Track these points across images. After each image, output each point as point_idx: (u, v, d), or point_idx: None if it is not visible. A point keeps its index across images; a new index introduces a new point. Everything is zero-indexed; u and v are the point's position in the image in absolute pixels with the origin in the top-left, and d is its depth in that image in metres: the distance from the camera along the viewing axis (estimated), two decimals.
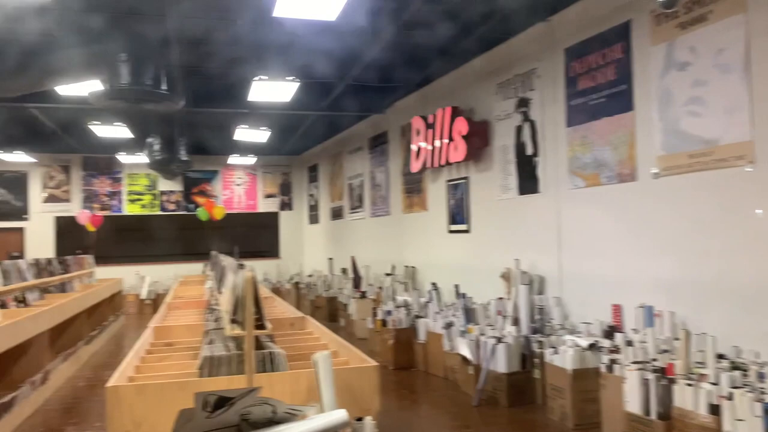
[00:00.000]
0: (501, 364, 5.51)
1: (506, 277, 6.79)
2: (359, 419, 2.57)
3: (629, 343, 4.57)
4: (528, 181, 6.69)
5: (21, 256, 13.89)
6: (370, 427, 2.57)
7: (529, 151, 6.68)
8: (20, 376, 6.05)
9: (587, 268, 5.81)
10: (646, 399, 4.02)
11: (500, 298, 6.51)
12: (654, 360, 4.26)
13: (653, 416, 3.95)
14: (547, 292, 6.35)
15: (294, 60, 7.41)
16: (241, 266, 2.98)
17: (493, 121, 7.36)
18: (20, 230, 14.87)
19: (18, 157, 13.98)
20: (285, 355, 2.91)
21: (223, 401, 2.18)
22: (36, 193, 14.98)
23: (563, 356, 4.91)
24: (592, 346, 4.87)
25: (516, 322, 5.91)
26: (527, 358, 5.58)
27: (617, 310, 5.37)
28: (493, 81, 7.32)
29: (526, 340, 5.62)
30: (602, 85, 5.58)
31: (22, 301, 7.22)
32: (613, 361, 4.48)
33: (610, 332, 5.20)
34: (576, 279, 5.98)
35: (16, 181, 14.88)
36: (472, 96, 7.84)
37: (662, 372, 3.99)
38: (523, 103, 6.78)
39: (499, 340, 5.59)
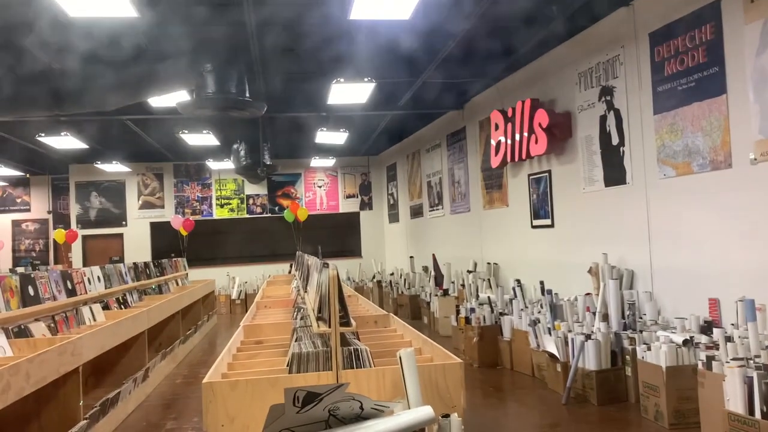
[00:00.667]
0: (590, 361, 5.36)
1: (594, 272, 6.59)
2: (445, 416, 2.57)
3: (729, 339, 4.33)
4: (614, 172, 6.47)
5: (121, 260, 14.77)
6: (457, 424, 2.57)
7: (615, 140, 6.45)
8: (123, 373, 6.44)
9: (680, 261, 5.55)
10: (749, 397, 3.80)
11: (588, 294, 6.32)
12: (757, 357, 4.02)
13: (758, 416, 3.72)
14: (637, 286, 6.12)
15: (370, 61, 7.49)
16: (326, 265, 3.04)
17: (576, 111, 7.15)
18: (119, 236, 15.82)
19: (115, 167, 14.87)
20: (370, 352, 2.96)
21: (311, 397, 2.24)
22: (133, 200, 15.89)
23: (657, 353, 4.71)
24: (688, 342, 4.65)
25: (605, 318, 5.72)
26: (618, 355, 5.39)
27: (714, 304, 5.10)
28: (574, 70, 7.12)
29: (617, 337, 5.44)
30: (691, 68, 5.31)
31: (123, 303, 7.67)
32: (711, 358, 4.26)
33: (707, 328, 4.95)
34: (668, 272, 5.72)
35: (115, 190, 15.83)
36: (552, 87, 7.65)
37: (767, 369, 3.76)
38: (607, 92, 6.55)
39: (588, 336, 5.43)
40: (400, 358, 2.61)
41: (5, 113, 7.37)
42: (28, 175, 16.07)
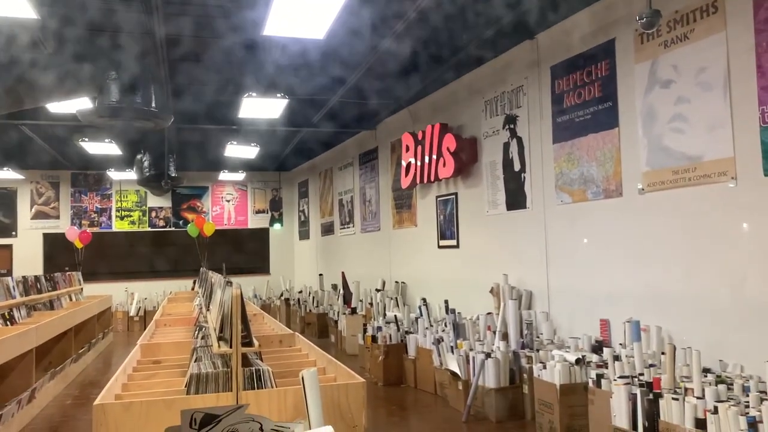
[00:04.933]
0: (490, 379, 5.52)
1: (495, 292, 6.82)
2: None
3: (617, 358, 4.60)
4: (516, 197, 6.75)
5: (8, 274, 13.79)
6: None
7: (517, 167, 6.74)
8: (7, 394, 6.00)
9: (575, 283, 5.85)
10: (633, 413, 4.04)
11: (489, 313, 6.53)
12: (641, 374, 4.29)
13: (640, 431, 3.96)
14: (535, 307, 6.39)
15: (283, 77, 7.47)
16: (229, 283, 2.99)
17: (482, 137, 7.43)
18: (8, 247, 14.78)
19: (6, 174, 13.92)
20: (272, 372, 2.92)
21: (209, 418, 2.19)
22: (25, 209, 14.91)
23: (551, 371, 4.93)
24: (580, 361, 4.90)
25: (505, 337, 5.93)
26: (516, 373, 5.59)
27: (605, 324, 5.40)
28: (481, 98, 7.40)
29: (515, 355, 5.64)
30: (588, 102, 5.66)
31: (9, 319, 7.17)
32: (600, 376, 4.51)
33: (598, 347, 5.23)
34: (564, 294, 6.02)
35: (5, 198, 14.81)
36: (460, 113, 7.91)
37: (649, 386, 4.02)
38: (511, 120, 6.85)
39: (489, 355, 5.60)
40: (302, 378, 2.60)
41: None
42: None
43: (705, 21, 4.51)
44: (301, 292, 13.54)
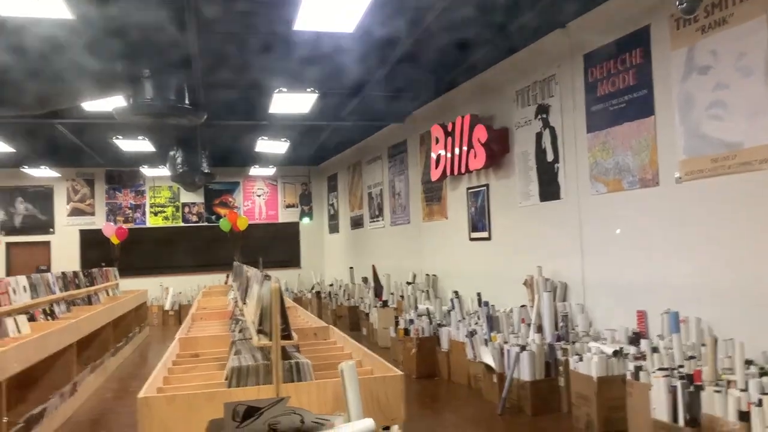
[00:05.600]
0: (525, 372, 5.49)
1: (529, 284, 6.77)
2: (386, 428, 2.59)
3: (655, 350, 4.53)
4: (549, 188, 6.68)
5: (48, 270, 14.12)
6: None
7: (550, 157, 6.66)
8: (49, 387, 6.15)
9: (611, 275, 5.77)
10: (673, 406, 3.98)
11: (523, 306, 6.49)
12: (681, 366, 4.22)
13: (681, 423, 3.90)
14: (570, 299, 6.32)
15: (313, 72, 7.49)
16: (267, 277, 3.01)
17: (513, 128, 7.36)
18: (47, 244, 15.15)
19: (43, 172, 14.25)
20: (311, 365, 2.94)
21: (252, 411, 2.21)
22: (61, 206, 15.26)
23: (588, 363, 4.88)
24: (617, 353, 4.83)
25: (539, 329, 5.88)
26: (551, 366, 5.55)
27: (642, 316, 5.32)
28: (513, 88, 7.33)
29: (550, 348, 5.59)
30: (622, 90, 5.56)
31: (50, 314, 7.35)
32: (639, 368, 4.45)
33: (635, 339, 5.16)
34: (599, 285, 5.94)
35: (42, 196, 15.17)
36: (491, 103, 7.85)
37: (689, 379, 3.95)
38: (543, 110, 6.77)
39: (523, 348, 5.57)
40: (341, 371, 2.61)
41: None
42: None
43: (744, 4, 4.39)
44: (332, 285, 13.62)
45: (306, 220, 16.44)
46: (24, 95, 5.93)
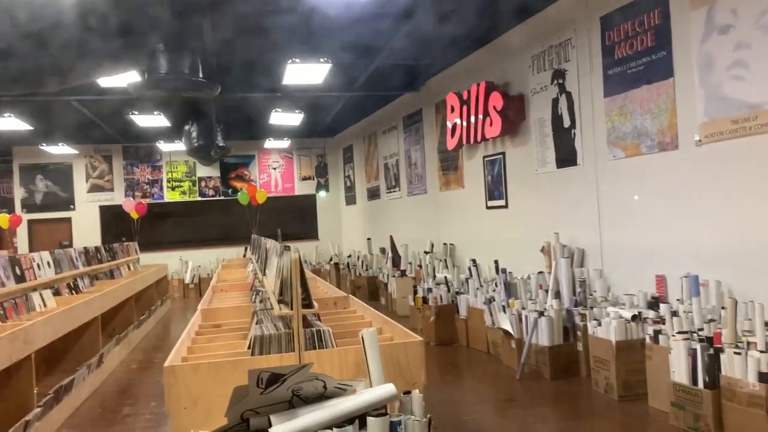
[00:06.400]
0: (543, 337, 5.52)
1: (546, 251, 6.76)
2: (407, 393, 2.63)
3: (674, 314, 4.53)
4: (566, 154, 6.62)
5: (70, 245, 14.35)
6: (418, 400, 2.63)
7: (567, 123, 6.59)
8: (77, 359, 6.31)
9: (629, 240, 5.75)
10: (693, 369, 3.99)
11: (540, 272, 6.50)
12: (700, 330, 4.22)
13: (701, 385, 3.92)
14: (588, 264, 6.31)
15: (326, 41, 7.43)
16: (287, 248, 3.05)
17: (529, 94, 7.28)
18: (68, 220, 15.36)
19: (62, 150, 14.39)
20: (332, 333, 2.99)
21: (275, 378, 2.26)
22: (81, 183, 15.43)
23: (607, 328, 4.89)
24: (636, 318, 4.84)
25: (557, 295, 5.90)
26: (570, 331, 5.57)
27: (661, 280, 5.31)
28: (528, 53, 7.23)
29: (568, 313, 5.61)
30: (640, 52, 5.46)
31: (74, 288, 7.49)
32: (658, 332, 4.46)
33: (654, 303, 5.16)
34: (617, 251, 5.92)
35: (61, 173, 15.34)
36: (506, 70, 7.75)
37: (709, 341, 3.96)
38: (559, 75, 6.68)
39: (541, 313, 5.59)
40: (362, 338, 2.65)
41: None
42: None
43: None
44: (350, 256, 13.70)
45: (322, 192, 16.48)
46: (38, 72, 5.97)
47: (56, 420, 4.86)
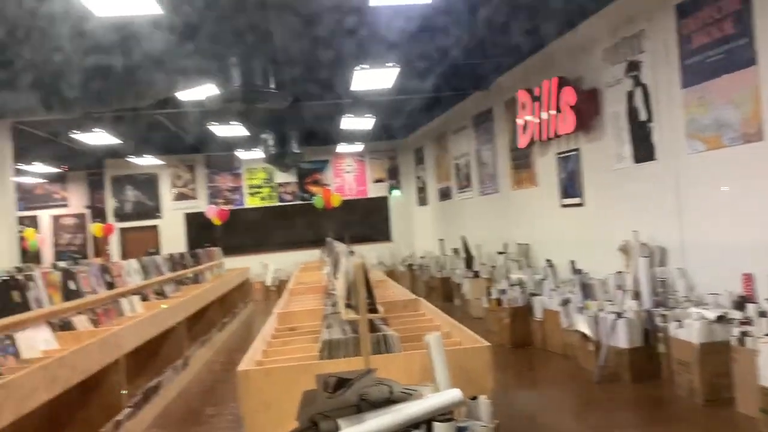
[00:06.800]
0: (622, 339, 5.35)
1: (625, 250, 6.54)
2: (474, 398, 2.63)
3: (762, 314, 4.29)
4: (643, 149, 6.39)
5: (157, 252, 15.08)
6: (486, 406, 2.62)
7: (643, 116, 6.36)
8: (164, 362, 6.63)
9: (713, 237, 5.48)
10: None
11: (619, 272, 6.29)
12: None
13: None
14: (669, 263, 6.05)
15: (393, 45, 7.48)
16: (351, 253, 3.10)
17: (603, 88, 7.06)
18: (154, 228, 16.16)
19: (148, 161, 15.16)
20: (398, 337, 3.02)
21: (341, 382, 2.32)
22: (166, 192, 16.20)
23: (689, 329, 4.69)
24: (721, 319, 4.61)
25: (637, 296, 5.70)
26: (650, 333, 5.37)
27: (748, 279, 5.03)
28: (600, 46, 7.02)
29: (648, 315, 5.42)
30: (719, 40, 5.20)
31: (160, 294, 7.88)
32: (744, 334, 4.23)
33: (740, 303, 4.89)
34: (700, 248, 5.65)
35: (148, 183, 16.16)
36: (578, 64, 7.56)
37: None
38: (634, 67, 6.45)
39: (620, 315, 5.42)
40: (427, 343, 2.67)
41: (40, 112, 7.57)
42: (66, 169, 16.44)
43: None
44: (423, 257, 13.71)
45: (396, 193, 16.58)
46: (123, 90, 6.33)
47: (145, 419, 5.14)
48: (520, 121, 8.72)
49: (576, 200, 7.89)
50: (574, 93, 7.31)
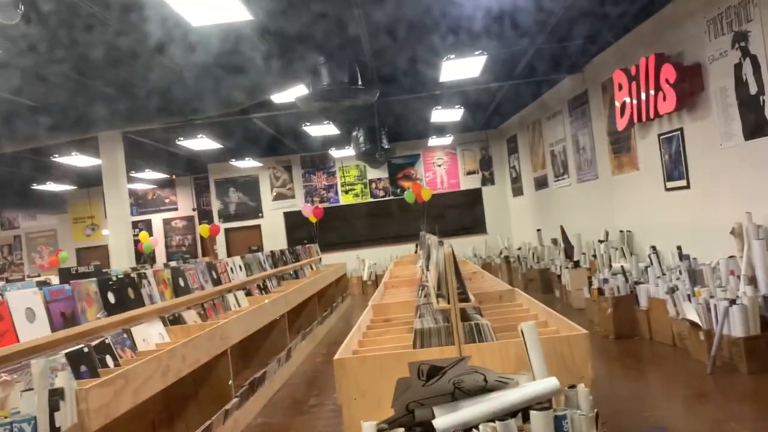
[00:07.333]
0: (737, 327, 5.02)
1: (737, 233, 6.12)
2: (572, 387, 2.55)
3: None
4: (755, 124, 5.95)
5: (259, 250, 15.71)
6: (584, 394, 2.54)
7: (753, 90, 5.92)
8: (268, 354, 6.90)
9: None
10: None
11: (731, 257, 5.89)
12: None
13: None
14: None
15: (480, 33, 7.39)
16: (441, 243, 3.10)
17: (706, 62, 6.64)
18: (257, 227, 16.85)
19: (248, 164, 15.82)
20: (491, 326, 2.98)
21: (435, 370, 2.32)
22: (266, 193, 16.84)
23: None
24: None
25: (752, 281, 5.32)
26: None
27: None
28: (702, 18, 6.59)
29: (766, 300, 5.04)
30: None
31: (263, 289, 8.20)
32: None
33: None
34: None
35: (249, 185, 16.85)
36: (678, 39, 7.14)
37: None
38: (741, 38, 6.01)
39: (733, 302, 5.08)
40: (521, 331, 2.62)
41: (144, 122, 8.07)
42: (173, 177, 17.49)
43: None
44: (520, 248, 13.46)
45: (489, 185, 16.35)
46: (220, 96, 6.63)
47: (252, 409, 5.37)
48: (617, 103, 8.36)
49: (681, 183, 7.47)
50: (674, 70, 6.91)
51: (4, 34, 5.67)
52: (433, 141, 15.46)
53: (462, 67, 8.14)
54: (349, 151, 14.30)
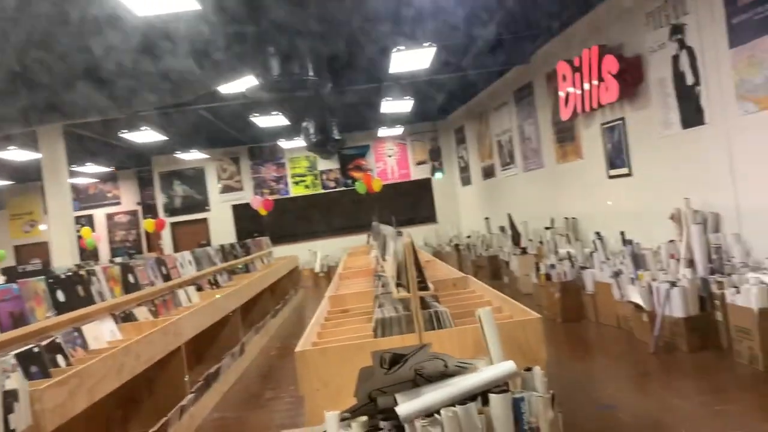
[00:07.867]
0: (677, 308, 5.26)
1: (676, 218, 6.40)
2: (528, 369, 2.64)
3: None
4: (692, 113, 6.21)
5: (208, 244, 15.46)
6: (540, 376, 2.63)
7: (690, 80, 6.18)
8: (221, 349, 6.83)
9: None
10: None
11: (671, 241, 6.17)
12: None
13: None
14: (723, 229, 5.90)
15: (428, 25, 7.45)
16: (399, 233, 3.14)
17: (646, 53, 6.88)
18: (204, 221, 16.55)
19: (194, 156, 15.51)
20: (450, 313, 3.05)
21: (397, 358, 2.36)
22: (213, 185, 16.55)
23: (747, 295, 4.58)
24: None
25: (691, 264, 5.58)
26: (706, 301, 5.27)
27: None
28: (641, 11, 6.83)
29: (704, 282, 5.30)
30: None
31: (214, 283, 8.09)
32: None
33: None
34: (757, 212, 5.49)
35: (196, 177, 16.54)
36: (619, 31, 7.37)
37: None
38: (678, 30, 6.26)
39: (674, 284, 5.33)
40: (479, 317, 2.70)
41: (86, 115, 7.82)
42: (115, 170, 16.98)
43: None
44: (469, 237, 13.68)
45: (438, 174, 16.54)
46: (164, 86, 6.49)
47: (208, 405, 5.33)
48: (561, 93, 8.58)
49: (623, 170, 7.74)
50: (616, 61, 7.14)
51: None
52: (384, 132, 15.50)
53: (411, 59, 8.18)
54: (299, 142, 14.19)
